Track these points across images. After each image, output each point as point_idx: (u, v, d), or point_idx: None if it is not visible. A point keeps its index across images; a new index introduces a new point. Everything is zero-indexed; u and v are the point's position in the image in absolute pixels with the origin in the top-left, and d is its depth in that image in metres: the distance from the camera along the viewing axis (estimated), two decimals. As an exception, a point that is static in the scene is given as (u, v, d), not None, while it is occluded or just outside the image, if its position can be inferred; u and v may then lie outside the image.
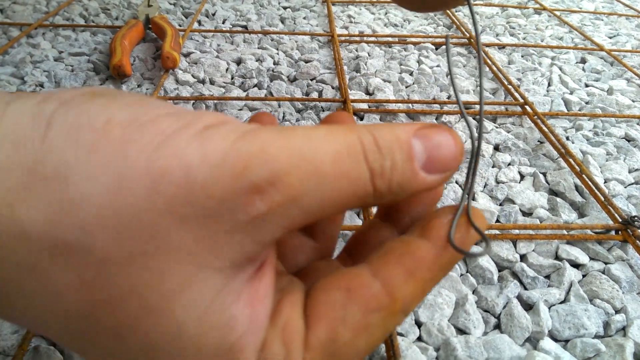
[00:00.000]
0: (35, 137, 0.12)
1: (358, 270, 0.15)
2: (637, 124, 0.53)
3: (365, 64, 0.60)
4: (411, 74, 0.60)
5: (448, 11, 0.79)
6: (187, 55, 0.61)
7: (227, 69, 0.59)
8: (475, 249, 0.31)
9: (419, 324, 0.30)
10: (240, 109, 0.51)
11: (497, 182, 0.43)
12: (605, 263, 0.35)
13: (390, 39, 0.69)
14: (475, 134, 0.17)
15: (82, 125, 0.12)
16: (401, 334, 0.29)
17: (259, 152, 0.13)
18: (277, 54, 0.63)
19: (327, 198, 0.13)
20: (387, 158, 0.14)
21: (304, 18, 0.75)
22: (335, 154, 0.13)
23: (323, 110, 0.51)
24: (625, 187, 0.44)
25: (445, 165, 0.15)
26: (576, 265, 0.35)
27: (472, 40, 0.68)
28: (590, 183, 0.41)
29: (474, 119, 0.51)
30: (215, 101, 0.51)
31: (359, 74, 0.59)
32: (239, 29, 0.70)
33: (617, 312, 0.32)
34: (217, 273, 0.13)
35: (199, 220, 0.12)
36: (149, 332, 0.13)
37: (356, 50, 0.65)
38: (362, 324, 0.14)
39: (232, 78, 0.57)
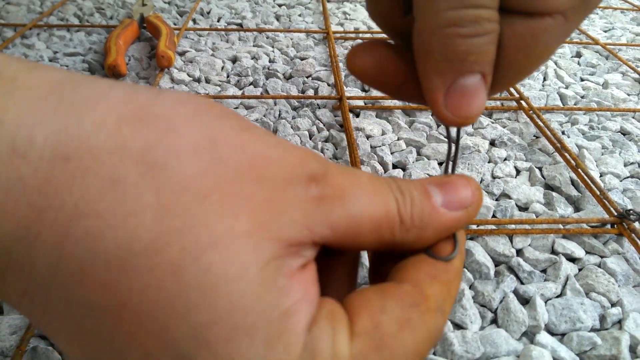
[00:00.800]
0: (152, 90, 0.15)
1: (384, 282, 0.17)
2: (633, 117, 0.53)
3: (361, 61, 0.60)
4: (407, 70, 0.60)
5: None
6: (182, 54, 0.61)
7: (222, 68, 0.59)
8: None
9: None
10: (237, 108, 0.51)
11: (493, 177, 0.43)
12: (601, 257, 0.36)
13: (386, 35, 0.69)
14: (453, 135, 0.18)
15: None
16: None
17: (315, 155, 0.16)
18: (273, 51, 0.62)
19: (366, 211, 0.15)
20: (407, 195, 0.16)
21: (299, 15, 0.75)
22: (369, 178, 0.16)
23: (319, 108, 0.51)
24: (620, 181, 0.44)
25: (463, 201, 0.17)
26: (572, 259, 0.35)
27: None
28: (585, 177, 0.41)
29: None
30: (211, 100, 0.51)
31: (354, 70, 0.59)
32: (234, 27, 0.69)
33: (613, 305, 0.32)
34: (274, 242, 0.14)
35: (272, 182, 0.14)
36: (211, 266, 0.13)
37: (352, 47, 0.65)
38: (402, 317, 0.15)
39: (227, 76, 0.57)
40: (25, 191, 0.12)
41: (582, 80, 0.61)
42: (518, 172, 0.44)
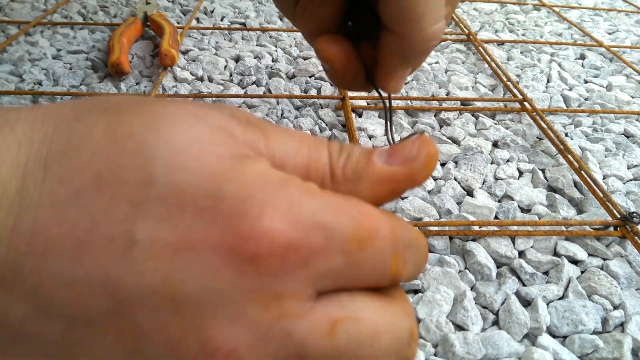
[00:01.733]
0: None
1: None
2: (636, 120, 0.53)
3: (364, 61, 0.60)
4: (410, 70, 0.60)
5: (447, 8, 0.79)
6: (185, 52, 0.61)
7: (225, 67, 0.59)
8: None
9: (416, 320, 0.30)
10: (239, 106, 0.51)
11: (496, 178, 0.43)
12: (604, 259, 0.35)
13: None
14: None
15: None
16: (399, 331, 0.29)
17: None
18: (276, 51, 0.62)
19: (290, 154, 0.16)
20: (345, 151, 0.17)
21: (303, 15, 0.75)
22: (304, 134, 0.17)
23: (321, 108, 0.51)
24: (624, 184, 0.44)
25: (405, 156, 0.16)
26: (575, 261, 0.35)
27: (471, 36, 0.68)
28: (589, 179, 0.41)
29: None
30: (213, 98, 0.51)
31: (357, 70, 0.58)
32: (238, 26, 0.69)
33: (615, 308, 0.32)
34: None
35: (213, 119, 0.16)
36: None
37: (355, 47, 0.65)
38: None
39: (230, 75, 0.57)
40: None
41: (585, 82, 0.61)
42: (521, 173, 0.44)
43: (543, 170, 0.44)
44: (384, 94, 0.27)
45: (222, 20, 0.72)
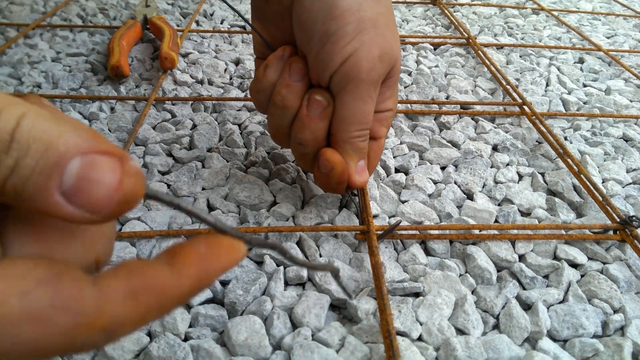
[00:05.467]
0: None
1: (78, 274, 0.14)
2: (635, 124, 0.53)
3: (364, 64, 0.60)
4: (410, 74, 0.60)
5: (446, 12, 0.79)
6: (185, 55, 0.61)
7: (225, 70, 0.59)
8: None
9: (418, 322, 0.30)
10: (239, 110, 0.51)
11: (496, 182, 0.43)
12: (604, 263, 0.36)
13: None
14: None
15: None
16: (401, 334, 0.29)
17: None
18: (276, 54, 0.62)
19: None
20: (13, 155, 0.12)
21: (302, 18, 0.75)
22: None
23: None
24: (623, 187, 0.44)
25: (91, 206, 0.13)
26: (574, 265, 0.35)
27: (470, 40, 0.68)
28: (588, 183, 0.41)
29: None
30: (214, 102, 0.51)
31: (357, 74, 0.59)
32: (237, 29, 0.70)
33: (615, 311, 0.32)
34: None
35: None
36: None
37: (354, 51, 0.65)
38: (51, 314, 0.12)
39: (230, 78, 0.57)
40: None
41: (584, 86, 0.61)
42: (520, 177, 0.44)
43: (543, 174, 0.44)
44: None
45: (221, 23, 0.72)
